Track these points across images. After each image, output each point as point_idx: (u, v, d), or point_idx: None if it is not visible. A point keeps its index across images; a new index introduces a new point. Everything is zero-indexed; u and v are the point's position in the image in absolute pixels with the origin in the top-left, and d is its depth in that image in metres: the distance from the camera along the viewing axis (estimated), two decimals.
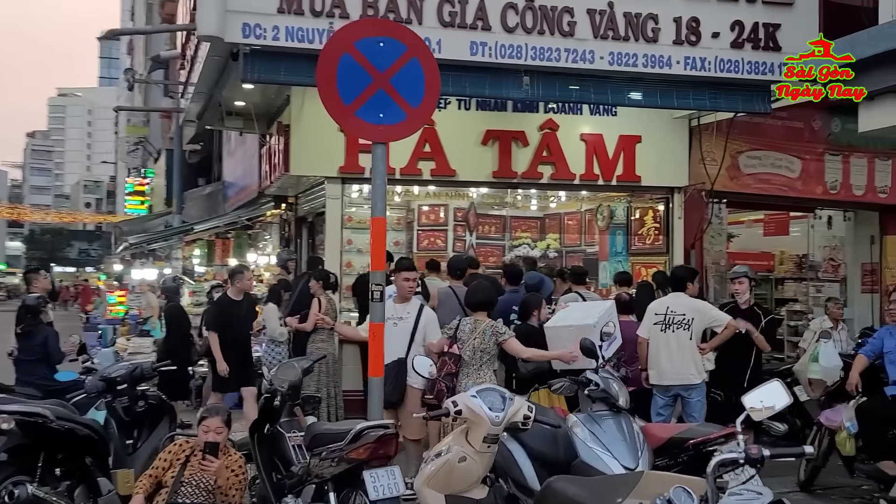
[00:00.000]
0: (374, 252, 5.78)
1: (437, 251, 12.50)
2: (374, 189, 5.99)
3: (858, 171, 11.89)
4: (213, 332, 8.56)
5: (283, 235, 12.41)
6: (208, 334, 8.59)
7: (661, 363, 7.30)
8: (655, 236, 11.17)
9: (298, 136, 10.08)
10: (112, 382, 6.45)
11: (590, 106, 10.54)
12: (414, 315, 7.13)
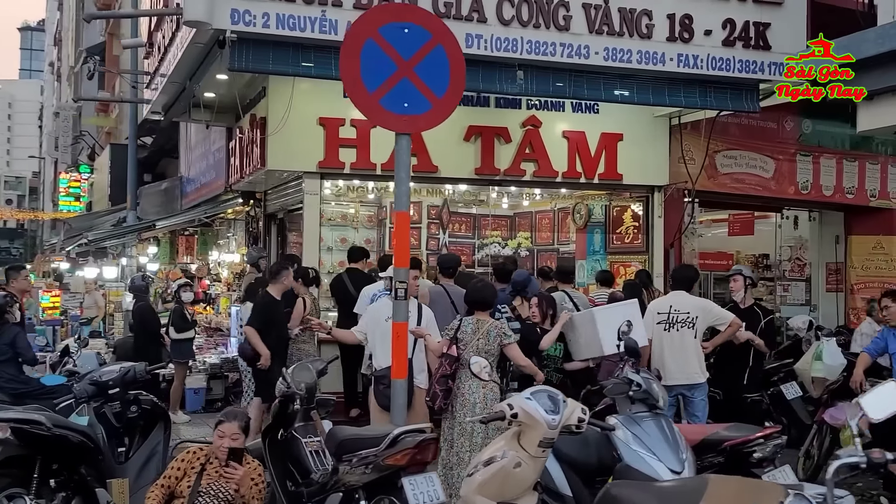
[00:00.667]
0: (398, 247, 5.54)
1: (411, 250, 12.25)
2: (398, 182, 5.73)
3: (827, 172, 12.07)
4: (254, 329, 8.09)
5: (251, 232, 11.99)
6: (246, 330, 8.20)
7: (665, 362, 7.20)
8: (634, 235, 11.13)
9: (275, 130, 9.73)
10: (103, 386, 6.05)
11: (572, 103, 10.47)
12: (416, 314, 6.88)
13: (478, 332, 6.48)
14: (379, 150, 9.93)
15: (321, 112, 9.78)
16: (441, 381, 6.09)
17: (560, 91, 8.60)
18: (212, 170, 12.85)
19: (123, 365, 6.26)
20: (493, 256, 11.99)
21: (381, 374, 6.55)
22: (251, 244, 11.99)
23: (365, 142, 9.89)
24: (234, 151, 11.57)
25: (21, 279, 8.20)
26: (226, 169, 12.02)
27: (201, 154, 13.61)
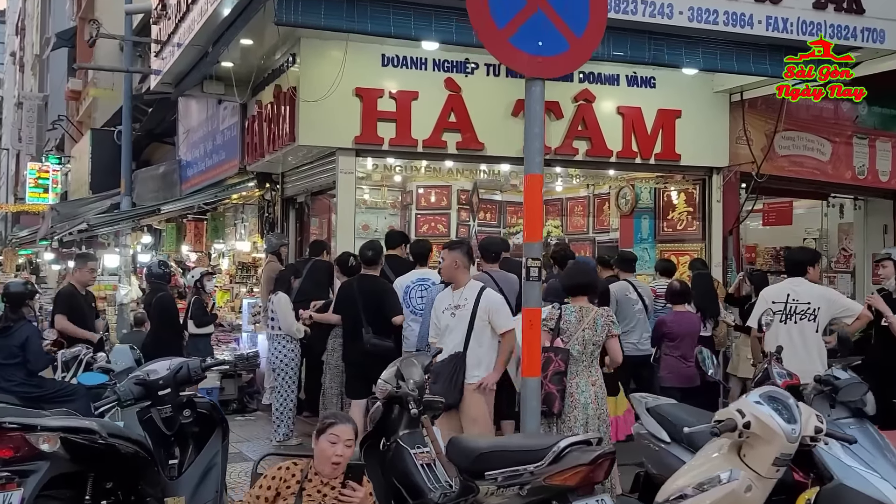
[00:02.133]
0: (528, 218, 4.61)
1: (439, 237, 11.35)
2: (531, 139, 4.83)
3: (883, 157, 11.37)
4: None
5: (267, 218, 10.98)
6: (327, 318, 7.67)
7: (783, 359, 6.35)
8: (689, 221, 10.31)
9: (308, 101, 8.75)
10: (152, 387, 5.05)
11: (627, 75, 9.63)
12: (472, 301, 5.98)
13: (583, 321, 5.65)
14: (420, 126, 9.01)
15: (358, 82, 8.82)
16: (556, 380, 5.25)
17: (639, 55, 7.75)
18: (221, 150, 11.79)
19: (173, 361, 5.25)
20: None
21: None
22: (267, 231, 10.97)
23: (405, 116, 8.96)
24: (250, 128, 10.55)
25: (86, 270, 7.48)
26: (240, 148, 10.98)
27: (206, 134, 12.53)
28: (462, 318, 5.95)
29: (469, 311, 5.92)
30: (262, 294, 10.11)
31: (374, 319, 7.03)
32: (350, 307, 7.16)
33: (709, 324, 8.56)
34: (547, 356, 5.64)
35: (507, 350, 5.86)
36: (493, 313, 5.91)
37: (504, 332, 5.87)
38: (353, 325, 7.12)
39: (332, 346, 8.04)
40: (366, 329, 6.97)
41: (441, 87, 9.11)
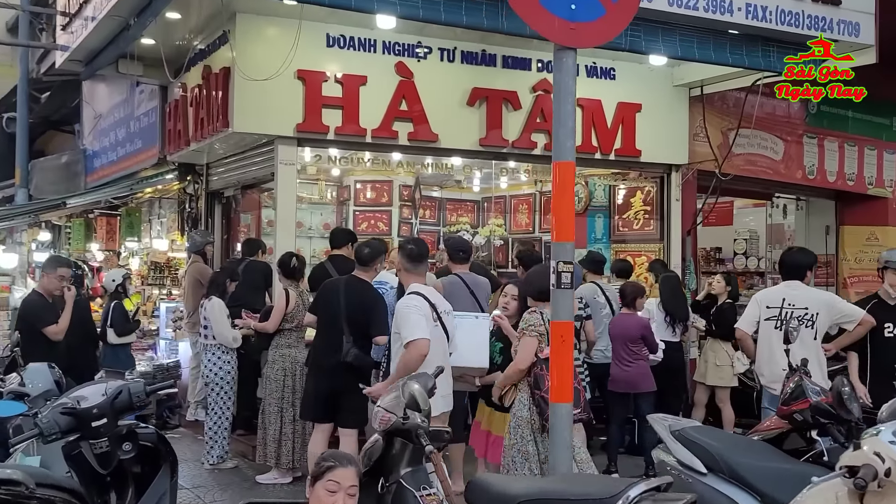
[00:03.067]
0: (558, 214, 3.92)
1: (379, 236, 10.57)
2: (561, 120, 4.12)
3: (831, 157, 11.20)
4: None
5: (189, 214, 9.95)
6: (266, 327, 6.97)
7: (776, 368, 5.88)
8: (645, 220, 9.84)
9: (244, 84, 7.84)
10: (84, 417, 4.12)
11: (587, 66, 9.04)
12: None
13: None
14: (369, 113, 8.21)
15: (300, 64, 7.95)
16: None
17: (614, 42, 7.14)
18: (136, 138, 10.67)
19: (109, 384, 4.32)
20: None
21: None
22: (189, 228, 9.96)
23: (353, 102, 8.15)
24: (172, 114, 9.52)
25: (54, 277, 6.52)
26: (160, 136, 9.92)
27: (119, 120, 11.36)
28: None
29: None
30: (186, 298, 9.14)
31: (357, 330, 6.16)
32: (331, 311, 6.25)
33: (678, 328, 8.08)
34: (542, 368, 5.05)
35: (402, 367, 5.01)
36: (397, 322, 5.19)
37: (406, 342, 5.06)
38: (331, 332, 6.20)
39: (272, 357, 7.18)
40: (347, 339, 6.11)
41: (392, 73, 8.34)
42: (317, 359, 6.34)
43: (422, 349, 4.91)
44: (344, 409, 6.18)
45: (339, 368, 6.08)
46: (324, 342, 6.28)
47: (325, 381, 6.16)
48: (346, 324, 6.14)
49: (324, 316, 6.33)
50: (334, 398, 6.16)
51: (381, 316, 6.25)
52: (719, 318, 8.23)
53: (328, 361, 6.15)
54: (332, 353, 6.12)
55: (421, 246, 5.36)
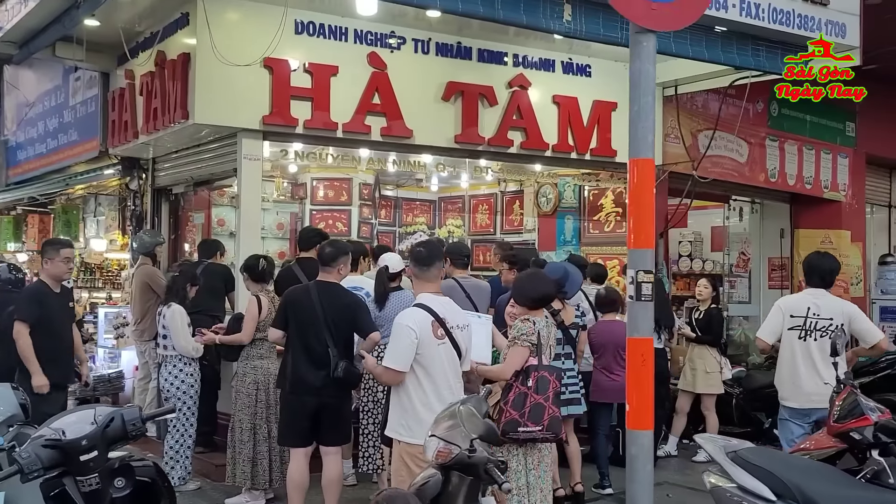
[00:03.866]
0: (637, 217, 3.50)
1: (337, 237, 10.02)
2: (639, 112, 3.70)
3: (791, 160, 11.16)
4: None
5: (133, 212, 9.20)
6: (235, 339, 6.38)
7: (801, 381, 5.62)
8: (617, 223, 9.57)
9: (207, 71, 7.22)
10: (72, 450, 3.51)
11: (563, 62, 8.75)
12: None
13: (551, 335, 5.00)
14: (341, 106, 7.69)
15: (266, 49, 7.37)
16: (557, 402, 4.71)
17: (611, 36, 6.82)
18: (71, 129, 9.82)
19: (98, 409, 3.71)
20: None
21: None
22: (133, 227, 9.20)
23: (324, 94, 7.63)
24: (116, 103, 8.77)
25: (58, 261, 5.92)
26: (101, 127, 9.14)
27: (49, 110, 10.46)
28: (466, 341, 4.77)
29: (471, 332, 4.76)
30: (134, 303, 8.43)
31: (340, 338, 5.57)
32: (305, 321, 5.59)
33: (663, 335, 7.82)
34: (541, 375, 4.75)
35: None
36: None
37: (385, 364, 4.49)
38: (310, 346, 5.56)
39: (242, 370, 6.57)
40: (332, 352, 5.53)
41: (364, 63, 7.84)
42: (296, 378, 5.60)
43: (392, 380, 4.44)
44: (330, 427, 5.65)
45: (325, 386, 5.53)
46: (302, 357, 5.59)
47: (310, 402, 5.57)
48: (329, 334, 5.57)
49: (297, 328, 5.65)
50: (318, 417, 5.61)
51: (366, 315, 5.75)
52: (708, 323, 8.00)
53: (312, 379, 5.54)
54: (316, 370, 5.54)
55: (432, 248, 4.86)
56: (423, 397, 4.39)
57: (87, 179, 9.68)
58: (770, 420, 8.10)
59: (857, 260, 12.17)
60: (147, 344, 8.34)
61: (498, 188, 10.88)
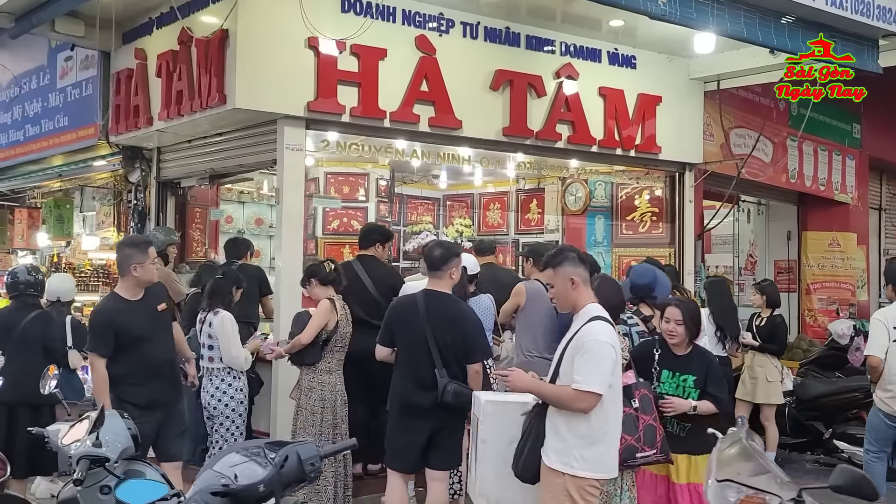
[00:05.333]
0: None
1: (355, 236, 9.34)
2: None
3: (808, 161, 10.96)
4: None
5: (135, 207, 8.31)
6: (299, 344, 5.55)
7: None
8: (653, 223, 9.13)
9: (248, 51, 6.48)
10: (248, 497, 2.85)
11: (608, 52, 8.25)
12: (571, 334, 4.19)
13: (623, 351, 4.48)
14: (388, 94, 7.02)
15: (311, 30, 6.67)
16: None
17: (703, 20, 6.34)
18: (60, 115, 8.84)
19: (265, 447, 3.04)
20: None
21: None
22: (136, 224, 8.32)
23: (372, 78, 6.95)
24: (122, 87, 7.89)
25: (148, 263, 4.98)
26: (101, 113, 8.23)
27: (30, 93, 9.41)
28: (555, 359, 4.11)
29: (562, 348, 4.04)
30: None
31: (450, 358, 4.89)
32: (412, 339, 4.95)
33: (728, 344, 7.35)
34: (643, 393, 4.44)
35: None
36: (579, 354, 3.85)
37: (580, 387, 3.78)
38: (417, 366, 4.92)
39: (307, 384, 5.85)
40: (440, 373, 4.86)
41: (412, 47, 7.19)
42: (404, 401, 5.00)
43: (588, 407, 3.80)
44: (440, 451, 5.01)
45: (435, 409, 4.88)
46: (409, 378, 4.98)
47: (420, 426, 4.93)
48: (438, 353, 4.91)
49: (403, 345, 5.04)
50: (428, 441, 4.97)
51: (479, 335, 5.11)
52: (771, 331, 7.62)
53: (420, 402, 4.91)
54: (424, 392, 4.91)
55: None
56: (604, 426, 3.83)
57: (78, 171, 8.73)
58: (830, 431, 7.79)
59: (862, 262, 12.09)
60: None
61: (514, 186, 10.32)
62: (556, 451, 3.87)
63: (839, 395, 7.85)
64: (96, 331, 4.94)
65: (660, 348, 4.67)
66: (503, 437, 4.34)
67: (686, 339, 4.64)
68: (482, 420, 4.39)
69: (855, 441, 7.31)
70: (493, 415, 4.42)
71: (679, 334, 4.61)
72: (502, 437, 4.33)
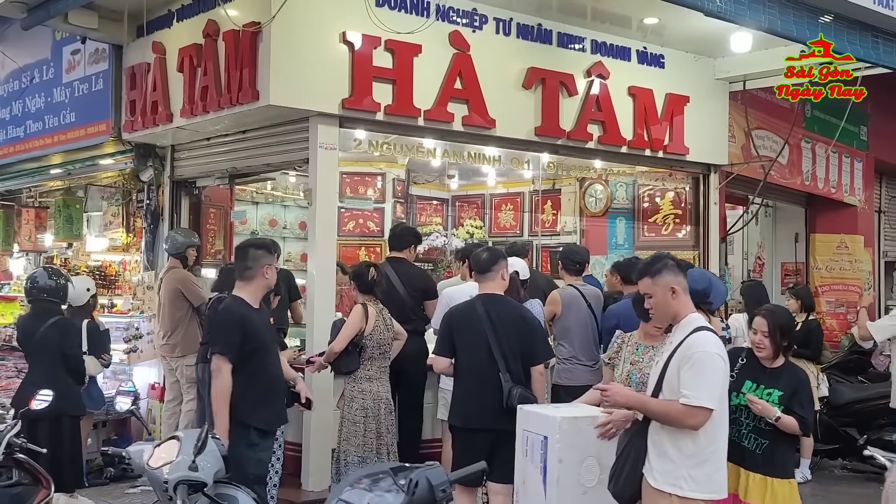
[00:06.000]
0: None
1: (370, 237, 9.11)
2: None
3: (820, 163, 10.90)
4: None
5: (147, 207, 7.98)
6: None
7: None
8: (676, 225, 8.99)
9: (282, 46, 6.22)
10: None
11: (638, 51, 8.09)
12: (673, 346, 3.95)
13: None
14: (422, 91, 6.79)
15: (345, 24, 6.43)
16: None
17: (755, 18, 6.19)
18: (66, 111, 8.47)
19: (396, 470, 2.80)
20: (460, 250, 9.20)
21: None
22: (149, 225, 7.99)
23: (406, 75, 6.71)
24: (137, 81, 7.57)
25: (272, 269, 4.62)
26: (113, 108, 7.89)
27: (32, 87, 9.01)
28: (656, 372, 3.82)
29: (663, 360, 3.75)
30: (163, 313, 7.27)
31: (513, 363, 4.71)
32: (474, 345, 4.74)
33: None
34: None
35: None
36: (687, 367, 3.56)
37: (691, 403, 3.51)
38: (480, 372, 4.73)
39: (350, 393, 5.61)
40: (504, 377, 4.67)
41: (445, 43, 6.96)
42: (467, 412, 4.81)
43: (700, 423, 3.54)
44: (503, 463, 4.78)
45: (501, 417, 4.66)
46: (472, 386, 4.78)
47: (486, 438, 4.71)
48: (501, 355, 4.72)
49: (464, 352, 4.83)
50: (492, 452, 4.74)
51: (543, 337, 4.95)
52: (806, 336, 7.50)
53: (485, 411, 4.71)
54: (489, 400, 4.70)
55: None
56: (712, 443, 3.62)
57: (84, 170, 8.37)
58: (865, 437, 7.69)
59: (869, 265, 12.07)
60: (180, 361, 7.21)
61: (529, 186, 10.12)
62: (662, 472, 3.65)
63: (873, 401, 7.75)
64: (222, 330, 4.44)
65: (746, 357, 4.47)
66: (579, 454, 4.12)
67: (773, 352, 4.41)
68: (559, 438, 4.14)
69: (892, 447, 7.21)
70: (570, 432, 4.18)
71: (766, 346, 4.38)
72: (577, 455, 4.11)
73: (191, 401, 7.21)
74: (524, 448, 4.22)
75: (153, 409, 7.84)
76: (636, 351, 4.54)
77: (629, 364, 4.53)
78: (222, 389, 4.33)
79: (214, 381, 4.36)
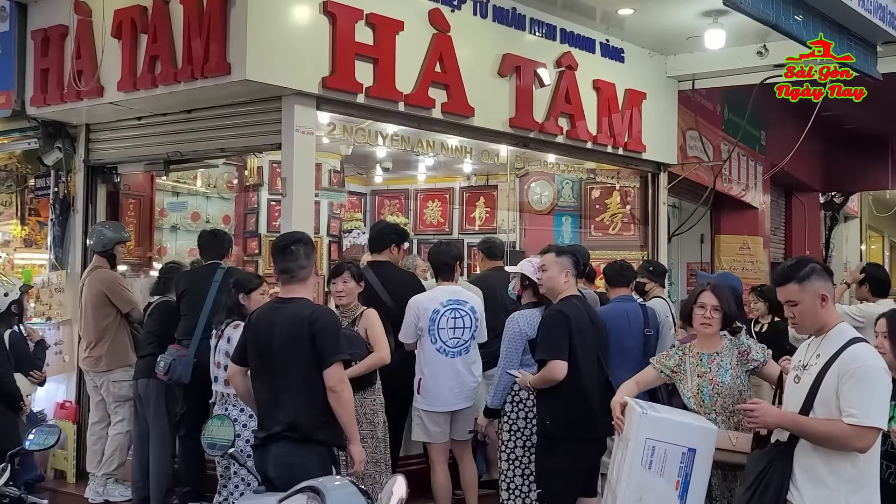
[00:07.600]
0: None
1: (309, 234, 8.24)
2: None
3: (734, 165, 11.04)
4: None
5: (55, 196, 6.78)
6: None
7: None
8: (624, 224, 8.74)
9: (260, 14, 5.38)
10: None
11: (601, 43, 7.76)
12: (826, 358, 3.62)
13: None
14: (405, 72, 6.11)
15: None
16: None
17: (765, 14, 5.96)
18: None
19: None
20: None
21: None
22: (57, 216, 6.80)
23: (388, 55, 6.00)
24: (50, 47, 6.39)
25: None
26: (16, 77, 6.64)
27: None
28: (803, 387, 3.44)
29: (813, 374, 3.41)
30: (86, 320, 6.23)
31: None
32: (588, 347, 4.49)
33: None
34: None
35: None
36: (851, 383, 3.20)
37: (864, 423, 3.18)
38: (591, 376, 4.46)
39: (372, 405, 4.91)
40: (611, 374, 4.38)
41: (425, 22, 6.31)
42: (580, 422, 4.48)
43: (869, 444, 3.21)
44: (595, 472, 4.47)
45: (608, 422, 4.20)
46: (584, 393, 4.48)
47: (596, 448, 4.54)
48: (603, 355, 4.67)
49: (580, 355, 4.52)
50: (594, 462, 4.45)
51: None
52: (775, 337, 7.40)
53: (598, 418, 4.40)
54: (601, 405, 4.34)
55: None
56: (871, 467, 3.30)
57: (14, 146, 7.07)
58: None
59: (766, 266, 12.41)
60: (105, 376, 6.19)
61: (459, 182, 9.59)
62: (815, 499, 3.26)
63: None
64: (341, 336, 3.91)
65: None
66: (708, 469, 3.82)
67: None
68: (699, 453, 3.72)
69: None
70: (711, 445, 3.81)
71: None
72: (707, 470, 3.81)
73: (120, 422, 6.22)
74: (647, 459, 3.73)
75: (64, 433, 6.68)
76: (701, 362, 4.19)
77: (697, 377, 4.17)
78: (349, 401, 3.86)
79: (344, 393, 3.75)
